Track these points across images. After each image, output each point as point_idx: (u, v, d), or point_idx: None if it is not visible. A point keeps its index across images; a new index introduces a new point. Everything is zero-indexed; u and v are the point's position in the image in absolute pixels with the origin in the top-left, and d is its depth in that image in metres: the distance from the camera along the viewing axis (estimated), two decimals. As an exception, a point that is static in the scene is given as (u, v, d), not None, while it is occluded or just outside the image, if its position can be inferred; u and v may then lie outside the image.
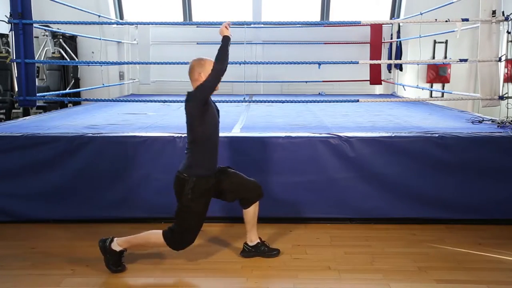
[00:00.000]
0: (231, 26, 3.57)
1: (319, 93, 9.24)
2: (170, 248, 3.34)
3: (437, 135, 4.31)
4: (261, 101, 6.02)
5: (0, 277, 3.31)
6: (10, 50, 7.25)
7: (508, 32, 4.87)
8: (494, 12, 4.89)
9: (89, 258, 3.59)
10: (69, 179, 4.30)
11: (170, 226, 3.32)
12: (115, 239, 3.37)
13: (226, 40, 3.39)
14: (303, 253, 3.70)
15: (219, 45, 3.39)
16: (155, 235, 3.34)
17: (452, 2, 6.24)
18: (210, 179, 3.33)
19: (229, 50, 3.37)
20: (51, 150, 4.29)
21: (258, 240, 3.59)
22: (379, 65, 9.08)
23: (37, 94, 5.25)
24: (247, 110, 6.48)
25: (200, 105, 3.25)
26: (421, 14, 6.69)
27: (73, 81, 9.30)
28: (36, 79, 5.75)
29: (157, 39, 9.36)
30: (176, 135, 4.35)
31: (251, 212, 3.49)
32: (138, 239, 3.39)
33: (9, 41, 7.88)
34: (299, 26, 8.99)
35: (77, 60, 9.35)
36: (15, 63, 5.00)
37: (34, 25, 5.12)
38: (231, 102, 5.79)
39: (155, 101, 6.00)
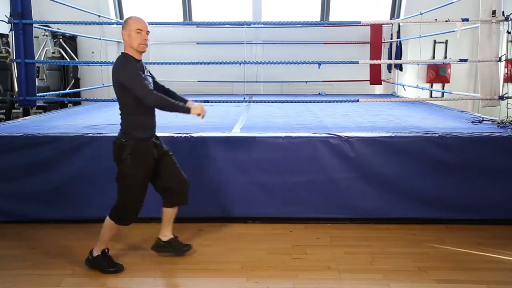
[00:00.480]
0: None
1: (319, 93, 9.24)
2: (117, 225, 3.30)
3: (437, 135, 4.31)
4: (261, 101, 6.01)
5: (0, 277, 3.31)
6: (10, 50, 7.25)
7: (508, 32, 4.87)
8: (494, 12, 4.89)
9: (89, 258, 3.59)
10: (69, 179, 4.30)
11: (115, 203, 3.31)
12: (92, 250, 3.41)
13: (183, 110, 3.31)
14: (303, 253, 3.70)
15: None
16: (106, 221, 3.34)
17: (452, 2, 6.24)
18: (149, 143, 3.29)
19: (171, 108, 3.30)
20: (51, 150, 4.30)
21: (172, 236, 3.58)
22: (379, 65, 9.08)
23: (37, 94, 5.26)
24: (247, 110, 6.48)
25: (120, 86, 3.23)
26: (421, 14, 6.69)
27: (73, 81, 9.29)
28: (36, 79, 5.74)
29: (157, 39, 9.35)
30: (176, 135, 4.35)
31: (169, 212, 3.50)
32: (101, 234, 3.38)
33: (9, 41, 7.88)
34: (299, 26, 8.99)
35: (77, 60, 9.34)
36: (15, 63, 5.00)
37: (34, 25, 5.12)
38: (231, 102, 5.80)
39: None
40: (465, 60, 5.93)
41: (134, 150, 3.21)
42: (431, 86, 9.48)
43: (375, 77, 9.16)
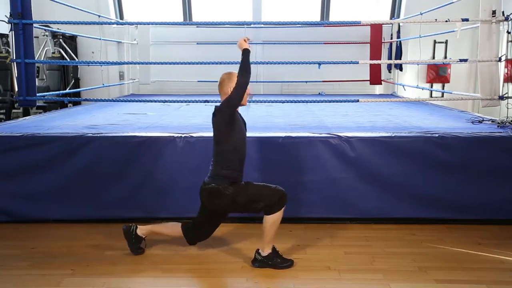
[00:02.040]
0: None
1: (319, 93, 9.24)
2: (281, 213, 3.37)
3: (437, 135, 4.31)
4: (261, 101, 6.01)
5: (0, 277, 3.31)
6: (10, 50, 7.25)
7: (508, 32, 4.87)
8: (494, 12, 4.89)
9: (89, 258, 3.59)
10: (69, 179, 4.29)
11: (262, 208, 3.35)
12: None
13: (246, 53, 3.35)
14: (303, 253, 3.70)
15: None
16: (265, 221, 3.39)
17: (452, 2, 6.24)
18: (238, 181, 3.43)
19: (249, 60, 3.34)
20: (51, 150, 4.29)
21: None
22: (379, 65, 9.08)
23: (37, 94, 5.25)
24: (247, 110, 6.47)
25: (227, 119, 3.30)
26: (421, 14, 6.69)
27: (73, 81, 9.30)
28: (36, 79, 5.74)
29: (157, 39, 9.37)
30: (176, 135, 4.35)
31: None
32: (266, 234, 3.43)
33: (9, 41, 7.88)
34: (299, 26, 8.99)
35: (77, 60, 9.34)
36: (15, 63, 4.99)
37: (34, 25, 5.11)
38: (231, 102, 5.78)
39: (155, 101, 5.99)
40: (465, 60, 5.93)
41: (228, 186, 3.36)
42: (431, 86, 9.48)
43: (375, 77, 9.16)
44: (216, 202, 3.41)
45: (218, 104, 3.44)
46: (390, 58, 9.28)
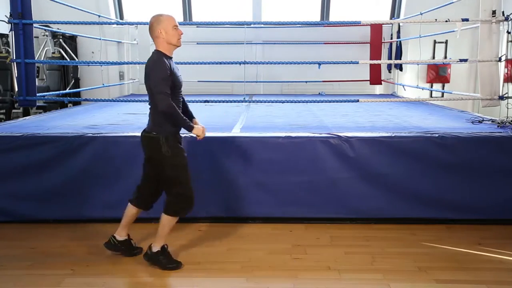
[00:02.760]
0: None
1: (319, 93, 9.24)
2: (180, 216, 3.36)
3: (437, 135, 4.31)
4: (261, 101, 6.01)
5: (0, 277, 3.31)
6: (10, 50, 7.25)
7: (508, 32, 4.87)
8: (494, 12, 4.89)
9: (89, 258, 3.60)
10: (69, 179, 4.29)
11: (168, 199, 3.36)
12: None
13: (185, 127, 3.35)
14: (303, 253, 3.70)
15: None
16: (162, 219, 3.38)
17: (452, 2, 6.24)
18: (177, 135, 3.38)
19: (178, 121, 3.31)
20: (51, 150, 4.29)
21: (126, 237, 3.61)
22: (379, 65, 9.08)
23: (37, 94, 5.25)
24: (247, 110, 6.48)
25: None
26: (421, 14, 6.68)
27: (73, 81, 9.29)
28: (36, 79, 5.74)
29: (157, 39, 9.35)
30: (176, 135, 4.34)
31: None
32: (160, 230, 3.42)
33: (9, 41, 7.88)
34: (299, 26, 8.98)
35: (77, 60, 9.34)
36: (15, 63, 4.99)
37: (34, 25, 5.11)
38: (231, 102, 5.80)
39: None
40: (465, 60, 5.92)
41: (169, 141, 3.28)
42: (431, 86, 9.48)
43: (375, 77, 9.16)
44: (156, 151, 3.31)
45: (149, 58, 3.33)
46: (390, 58, 9.28)
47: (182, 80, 3.45)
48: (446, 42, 9.31)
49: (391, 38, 9.27)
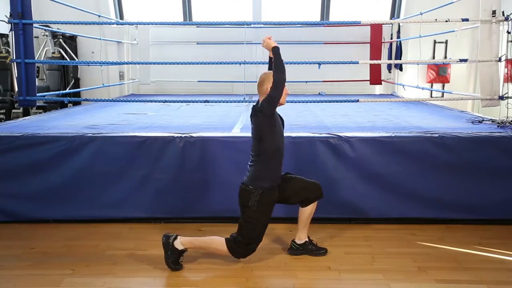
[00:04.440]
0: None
1: (319, 93, 9.24)
2: (232, 255, 3.39)
3: (437, 135, 4.31)
4: (261, 101, 5.99)
5: (0, 277, 3.31)
6: (10, 50, 7.25)
7: (508, 32, 4.87)
8: (494, 12, 4.89)
9: (89, 258, 3.59)
10: (69, 179, 4.30)
11: (233, 235, 3.39)
12: (179, 237, 3.42)
13: (277, 51, 3.36)
14: (303, 253, 3.70)
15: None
16: (217, 241, 3.42)
17: (452, 2, 6.24)
18: (275, 191, 3.41)
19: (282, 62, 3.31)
20: (51, 150, 4.29)
21: (307, 239, 3.63)
22: (379, 65, 9.08)
23: (37, 94, 5.25)
24: (247, 110, 6.47)
25: (268, 118, 3.30)
26: (421, 14, 6.68)
27: (73, 81, 9.30)
28: (36, 79, 5.74)
29: (157, 39, 9.36)
30: (176, 135, 4.35)
31: (307, 211, 3.55)
32: (200, 242, 3.47)
33: (9, 41, 7.88)
34: (299, 26, 8.98)
35: (77, 60, 9.34)
36: (15, 63, 4.99)
37: (34, 25, 5.11)
38: (231, 102, 5.80)
39: (155, 101, 6.00)
40: (465, 60, 5.93)
41: (261, 198, 3.32)
42: (431, 86, 9.48)
43: (375, 77, 9.15)
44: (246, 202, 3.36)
45: (255, 103, 3.43)
46: (390, 58, 9.28)
47: (283, 134, 3.48)
48: (446, 42, 9.31)
49: (391, 38, 9.27)
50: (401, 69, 9.32)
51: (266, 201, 3.34)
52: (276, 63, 3.31)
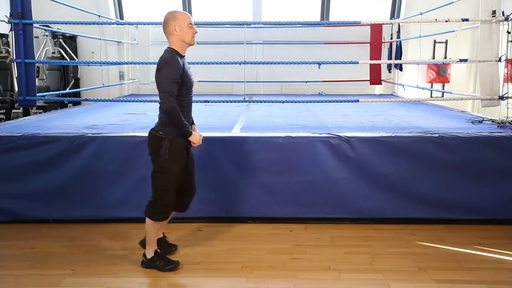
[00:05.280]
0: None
1: (319, 93, 9.24)
2: (156, 220, 3.32)
3: (437, 135, 4.31)
4: (261, 101, 6.01)
5: (0, 277, 3.31)
6: (10, 50, 7.24)
7: (508, 32, 4.87)
8: (494, 12, 4.89)
9: (89, 258, 3.60)
10: (69, 179, 4.30)
11: (149, 200, 3.33)
12: (145, 252, 3.43)
13: (184, 132, 3.27)
14: (303, 253, 3.70)
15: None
16: (146, 223, 3.37)
17: (452, 2, 6.24)
18: (183, 141, 3.31)
19: (177, 125, 3.24)
20: (51, 150, 4.29)
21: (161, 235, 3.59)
22: (379, 65, 9.08)
23: (37, 94, 5.25)
24: (247, 110, 6.48)
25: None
26: (421, 14, 6.68)
27: (73, 81, 9.29)
28: (36, 79, 5.74)
29: (157, 39, 9.30)
30: (176, 135, 4.34)
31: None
32: (147, 236, 3.42)
33: (9, 41, 7.87)
34: (299, 26, 8.98)
35: (77, 60, 9.34)
36: (15, 63, 4.99)
37: (34, 25, 5.11)
38: (231, 102, 5.79)
39: (155, 101, 5.98)
40: (465, 60, 5.93)
41: (171, 145, 3.24)
42: (431, 86, 9.48)
43: (375, 77, 9.15)
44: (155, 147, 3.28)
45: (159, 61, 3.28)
46: (390, 58, 9.28)
47: (194, 80, 3.39)
48: (446, 42, 9.31)
49: (391, 38, 9.27)
50: (401, 69, 9.32)
51: (176, 149, 3.24)
52: (176, 122, 3.22)
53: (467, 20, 5.20)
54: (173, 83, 3.17)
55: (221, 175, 4.29)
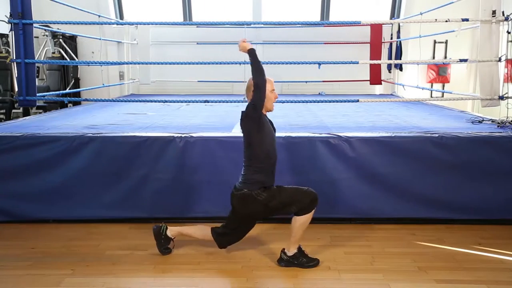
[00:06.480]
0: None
1: (319, 93, 9.25)
2: (312, 213, 3.36)
3: (437, 135, 4.31)
4: (261, 101, 6.00)
5: (0, 277, 3.31)
6: (10, 50, 7.25)
7: (508, 32, 4.87)
8: (494, 12, 4.89)
9: (89, 258, 3.60)
10: (69, 179, 4.29)
11: (295, 212, 3.36)
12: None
13: (253, 53, 3.33)
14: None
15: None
16: (294, 222, 3.40)
17: (452, 2, 6.24)
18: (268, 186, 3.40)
19: (256, 61, 3.31)
20: (51, 150, 4.29)
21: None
22: (379, 65, 9.08)
23: (37, 94, 5.25)
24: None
25: (255, 122, 3.29)
26: (421, 14, 6.69)
27: (73, 81, 9.30)
28: (36, 79, 5.74)
29: (157, 39, 9.37)
30: (176, 135, 4.35)
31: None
32: (294, 234, 3.43)
33: (9, 41, 7.88)
34: (299, 26, 8.99)
35: (77, 60, 9.34)
36: (15, 63, 4.99)
37: (34, 25, 5.11)
38: (231, 102, 5.79)
39: (155, 101, 6.00)
40: (465, 60, 5.93)
41: (261, 192, 3.34)
42: (431, 86, 9.48)
43: (375, 77, 9.15)
44: (249, 207, 3.36)
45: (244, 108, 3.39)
46: (390, 58, 9.28)
47: (275, 138, 3.49)
48: (446, 42, 9.32)
49: (391, 38, 9.28)
50: (401, 69, 9.32)
51: (265, 193, 3.32)
52: (253, 66, 3.28)
53: (467, 20, 5.20)
54: (256, 101, 3.26)
55: (221, 175, 4.28)
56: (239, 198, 3.37)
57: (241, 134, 3.32)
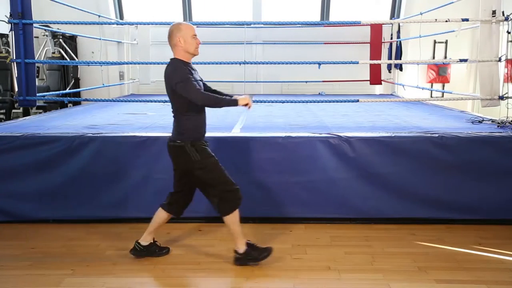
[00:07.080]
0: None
1: (319, 93, 9.25)
2: (235, 212, 3.34)
3: (437, 135, 4.31)
4: (261, 101, 6.01)
5: (0, 277, 3.31)
6: (10, 50, 7.25)
7: (508, 32, 4.87)
8: (494, 12, 4.89)
9: (89, 258, 3.60)
10: (69, 179, 4.29)
11: (215, 201, 3.36)
12: (235, 249, 3.46)
13: (231, 103, 3.39)
14: (303, 253, 3.70)
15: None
16: (225, 222, 3.38)
17: (452, 2, 6.24)
18: (204, 142, 3.39)
19: (220, 104, 3.38)
20: (51, 150, 4.29)
21: (151, 241, 3.59)
22: (379, 65, 9.08)
23: (37, 94, 5.25)
24: (247, 110, 6.45)
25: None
26: (421, 14, 6.69)
27: (73, 81, 9.30)
28: (36, 79, 5.74)
29: (157, 39, 9.32)
30: (176, 135, 4.34)
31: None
32: (233, 233, 3.42)
33: (9, 41, 7.88)
34: (299, 26, 8.99)
35: (77, 60, 9.35)
36: (15, 63, 5.00)
37: (34, 25, 5.11)
38: (231, 102, 5.78)
39: (155, 101, 5.99)
40: (465, 60, 5.93)
41: (195, 147, 3.31)
42: (431, 86, 9.48)
43: (375, 77, 9.15)
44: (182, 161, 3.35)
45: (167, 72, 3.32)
46: (390, 58, 9.28)
47: (202, 85, 3.46)
48: (446, 42, 9.32)
49: (391, 38, 9.28)
50: (401, 69, 9.32)
51: (201, 147, 3.32)
52: (215, 102, 3.34)
53: (467, 20, 5.20)
54: (188, 79, 3.22)
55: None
56: (172, 150, 3.39)
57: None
